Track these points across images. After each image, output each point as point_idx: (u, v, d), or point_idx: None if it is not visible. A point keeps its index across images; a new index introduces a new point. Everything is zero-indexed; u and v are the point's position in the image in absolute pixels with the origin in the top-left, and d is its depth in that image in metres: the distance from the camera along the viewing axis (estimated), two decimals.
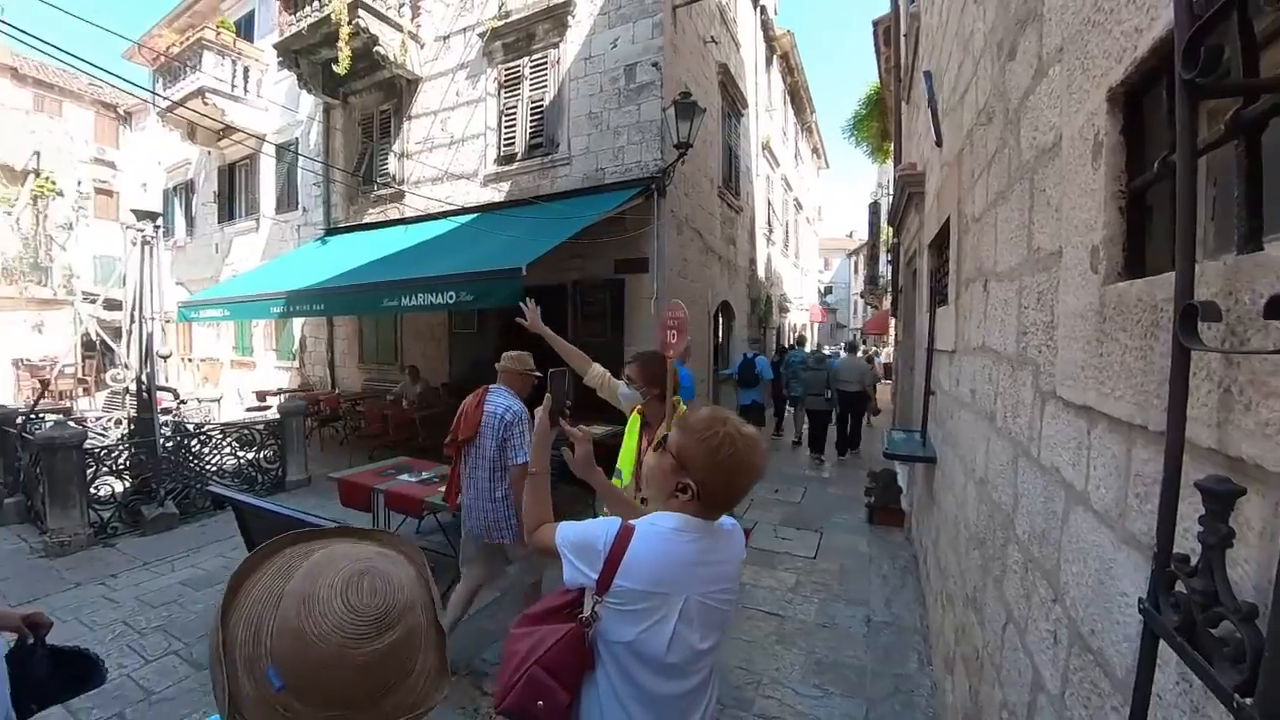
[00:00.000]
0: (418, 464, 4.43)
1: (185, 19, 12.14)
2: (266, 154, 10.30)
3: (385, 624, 0.60)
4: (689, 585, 1.14)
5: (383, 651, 0.60)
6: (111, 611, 3.64)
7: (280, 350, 11.25)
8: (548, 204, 6.64)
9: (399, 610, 0.62)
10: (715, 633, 1.21)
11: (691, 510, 1.18)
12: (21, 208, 14.87)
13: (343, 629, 0.59)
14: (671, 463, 1.20)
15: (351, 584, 0.61)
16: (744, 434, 1.18)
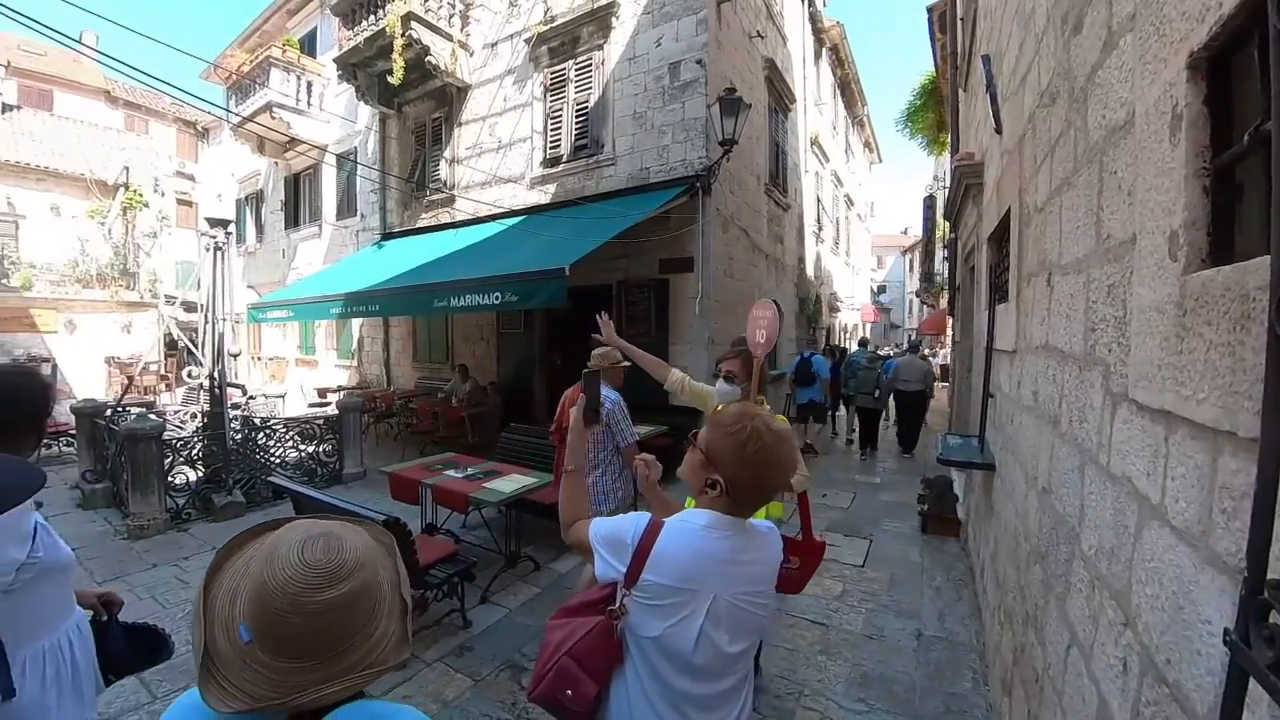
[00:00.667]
0: (465, 460, 4.53)
1: (255, 39, 12.93)
2: (328, 164, 10.84)
3: (336, 577, 0.69)
4: (718, 583, 1.13)
5: (334, 601, 0.68)
6: (182, 591, 3.89)
7: (340, 349, 11.81)
8: (593, 205, 6.69)
9: (351, 566, 0.71)
10: (746, 637, 1.18)
11: (721, 507, 1.17)
12: (113, 219, 16.17)
13: (297, 579, 0.68)
14: (701, 458, 1.20)
15: (308, 544, 0.71)
16: (773, 429, 1.17)
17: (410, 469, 4.34)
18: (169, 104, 20.18)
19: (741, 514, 1.19)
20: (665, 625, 1.11)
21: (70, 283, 15.09)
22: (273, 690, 0.67)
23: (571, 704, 1.16)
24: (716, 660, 1.14)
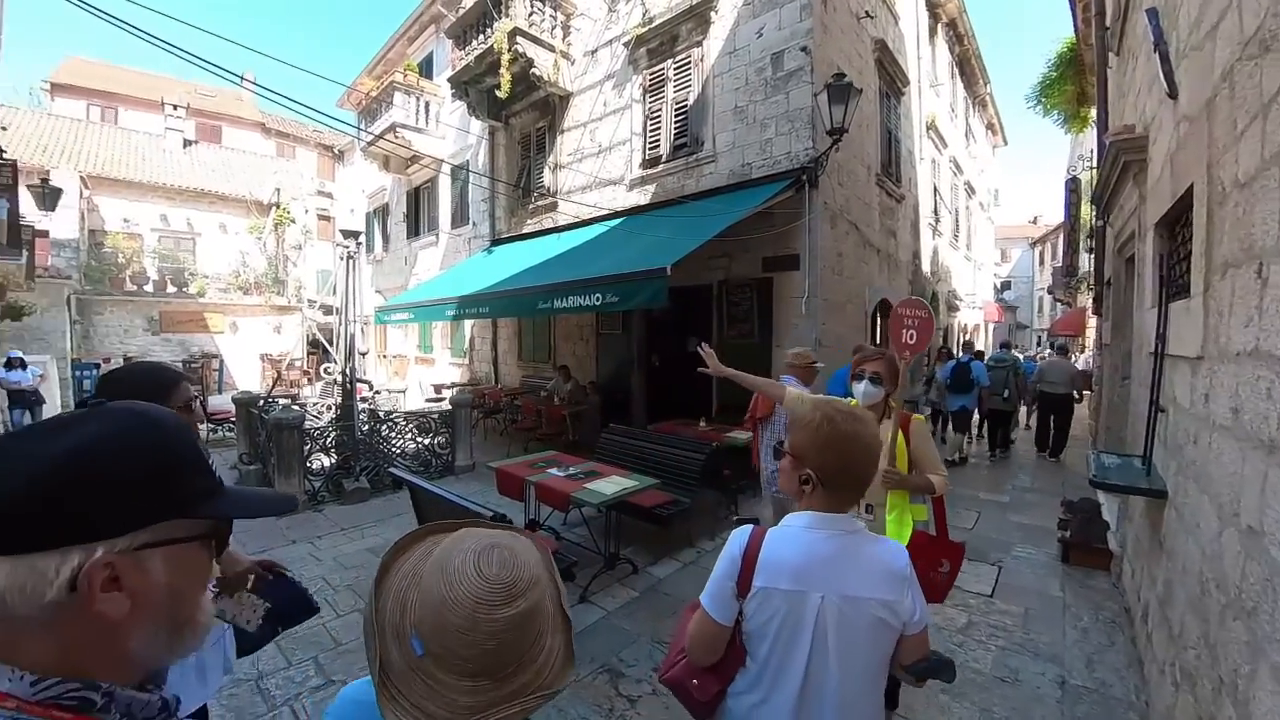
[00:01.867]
0: (566, 459, 4.64)
1: (380, 67, 14.20)
2: (444, 173, 11.66)
3: (513, 592, 0.67)
4: (825, 582, 1.12)
5: (512, 619, 0.65)
6: (315, 568, 4.32)
7: (453, 348, 12.67)
8: (693, 203, 6.62)
9: (526, 582, 0.68)
10: (861, 652, 1.13)
11: (818, 502, 1.18)
12: (267, 234, 18.55)
13: (475, 594, 0.65)
14: (790, 460, 1.23)
15: (483, 555, 0.68)
16: (843, 410, 1.20)
17: (515, 465, 4.51)
18: (311, 131, 22.83)
19: (840, 506, 1.18)
20: (776, 631, 1.13)
21: (233, 290, 17.54)
22: (446, 710, 0.65)
23: (697, 694, 1.23)
24: (826, 670, 1.12)
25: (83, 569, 0.49)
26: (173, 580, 0.55)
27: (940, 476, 2.19)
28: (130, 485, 0.52)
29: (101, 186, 16.10)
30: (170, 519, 0.55)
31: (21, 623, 0.49)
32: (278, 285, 18.24)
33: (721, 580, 1.19)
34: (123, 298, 15.61)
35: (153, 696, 0.56)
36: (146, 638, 0.55)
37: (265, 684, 2.94)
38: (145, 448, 0.55)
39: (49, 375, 10.89)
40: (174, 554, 0.55)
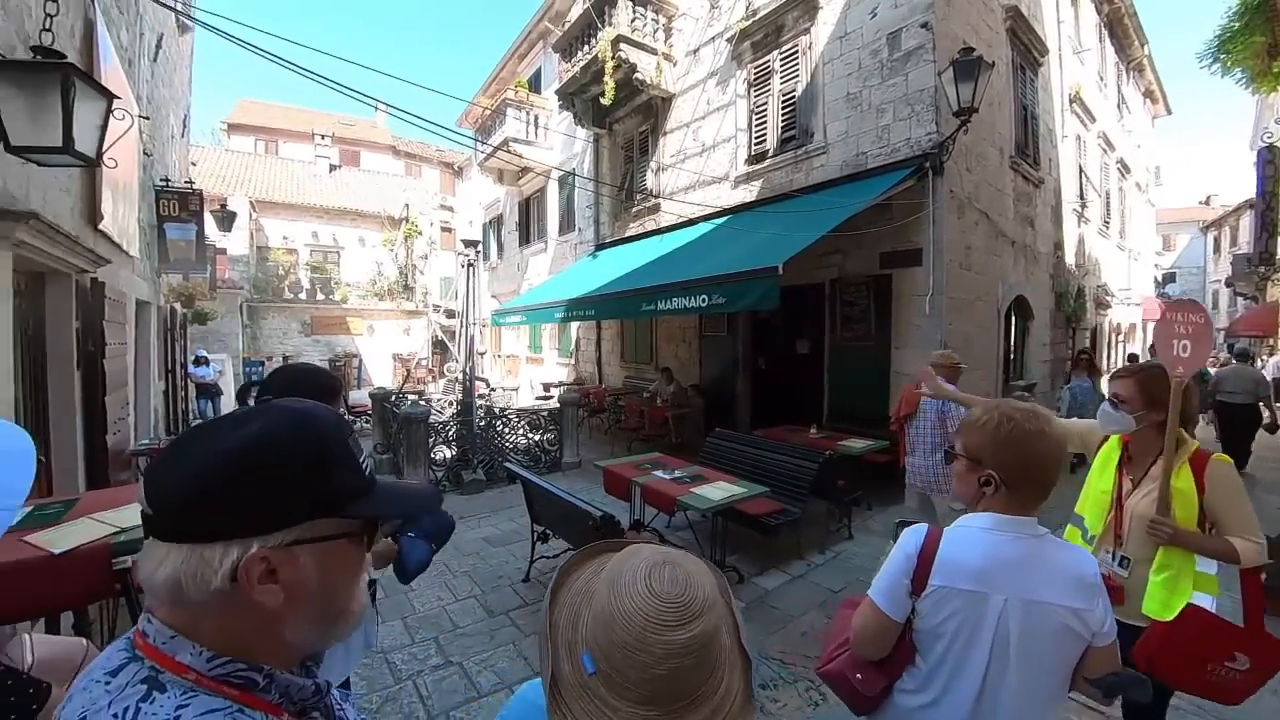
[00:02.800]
0: (671, 461, 4.57)
1: (494, 86, 15.02)
2: (552, 179, 12.11)
3: (686, 614, 0.61)
4: (1008, 586, 1.07)
5: (686, 645, 0.60)
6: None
7: (561, 348, 13.12)
8: (802, 198, 6.30)
9: (700, 604, 0.62)
10: (1044, 660, 1.08)
11: (1000, 504, 1.14)
12: (398, 246, 20.36)
13: (645, 611, 0.60)
14: (965, 463, 1.20)
15: (654, 570, 0.64)
16: (1022, 408, 1.15)
17: (622, 466, 4.50)
18: (434, 151, 24.81)
19: (1025, 508, 1.14)
20: (953, 632, 1.10)
21: (370, 296, 19.46)
22: None
23: (861, 688, 1.21)
24: (1004, 679, 1.08)
25: (241, 562, 0.52)
26: (324, 575, 0.57)
27: (1252, 542, 1.60)
28: (283, 485, 0.55)
29: (266, 209, 18.52)
30: (320, 518, 0.57)
31: (198, 605, 0.53)
32: (407, 291, 20.01)
33: (895, 576, 1.16)
34: (282, 304, 17.89)
35: (306, 681, 0.60)
36: (300, 627, 0.57)
37: (392, 658, 3.12)
38: (299, 448, 0.56)
39: (226, 371, 12.68)
40: (325, 550, 0.57)
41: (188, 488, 0.53)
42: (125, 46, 5.22)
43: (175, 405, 8.91)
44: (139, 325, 6.16)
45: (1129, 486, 1.78)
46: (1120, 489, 1.79)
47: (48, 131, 1.83)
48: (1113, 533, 1.76)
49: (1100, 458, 1.90)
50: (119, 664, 0.53)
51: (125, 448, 5.05)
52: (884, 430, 5.65)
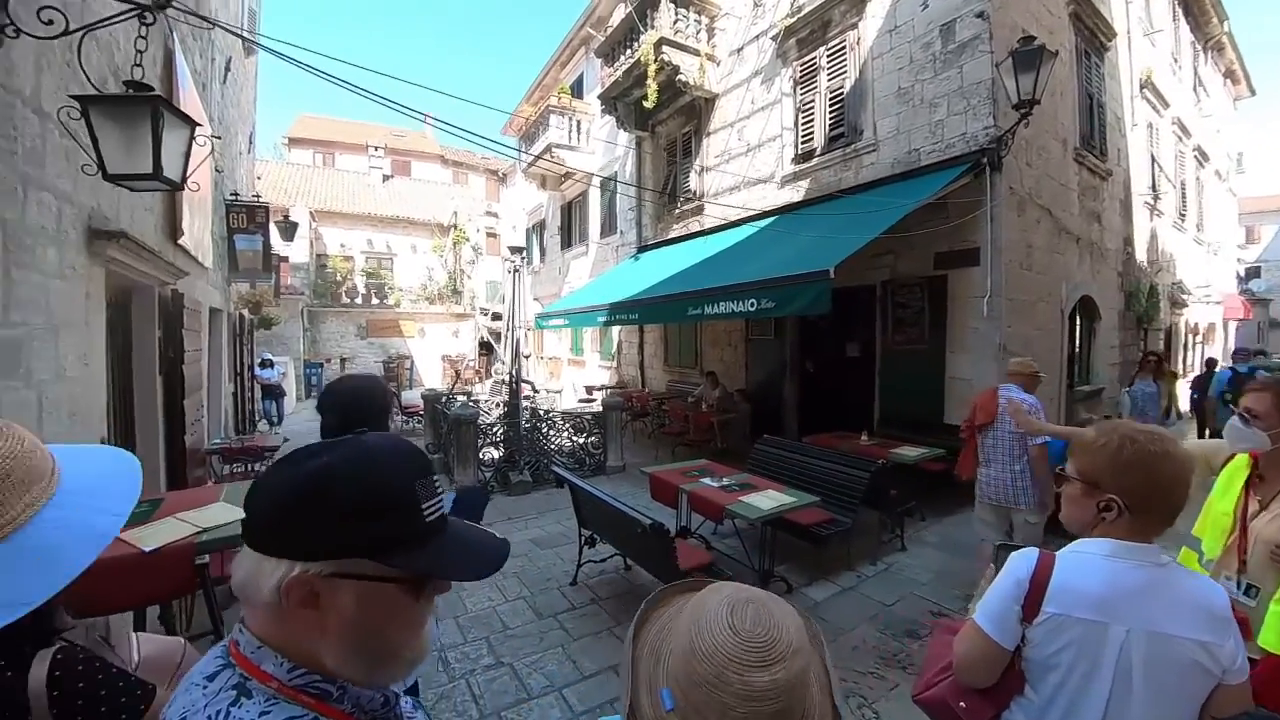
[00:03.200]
0: (718, 469, 4.51)
1: (537, 93, 15.25)
2: (594, 186, 12.19)
3: (768, 655, 0.59)
4: (1132, 616, 1.02)
5: (764, 686, 0.58)
6: None
7: (602, 351, 13.21)
8: (851, 197, 6.13)
9: (784, 647, 0.60)
10: (1170, 697, 1.01)
11: (1123, 530, 1.08)
12: (447, 252, 20.97)
13: (725, 649, 0.59)
14: (1080, 487, 1.14)
15: (737, 608, 0.62)
16: (1143, 429, 1.10)
17: (669, 472, 4.48)
18: (480, 158, 25.41)
19: (1147, 534, 1.08)
20: (1069, 663, 1.05)
21: (421, 300, 20.12)
22: None
23: (965, 716, 1.17)
24: (1132, 713, 1.02)
25: (284, 580, 0.56)
26: (363, 613, 0.59)
27: None
28: (328, 520, 0.57)
29: (324, 219, 19.38)
30: (359, 558, 0.58)
31: (264, 614, 0.58)
32: (455, 296, 20.60)
33: (1005, 601, 1.11)
34: (340, 309, 18.72)
35: (376, 694, 0.63)
36: (341, 656, 0.59)
37: (447, 656, 3.21)
38: (350, 488, 0.58)
39: (288, 373, 13.35)
40: (367, 589, 0.59)
41: (260, 504, 0.59)
42: (199, 71, 5.56)
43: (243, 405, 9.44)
44: (212, 331, 6.55)
45: (1255, 508, 1.63)
46: (1245, 510, 1.64)
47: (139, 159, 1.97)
48: (1236, 557, 1.61)
49: (1224, 477, 1.76)
50: (215, 669, 0.58)
51: (200, 447, 5.37)
52: (938, 437, 5.46)
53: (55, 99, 2.37)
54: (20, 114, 2.18)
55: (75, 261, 2.57)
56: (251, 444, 5.81)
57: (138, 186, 2.11)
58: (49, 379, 2.39)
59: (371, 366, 18.93)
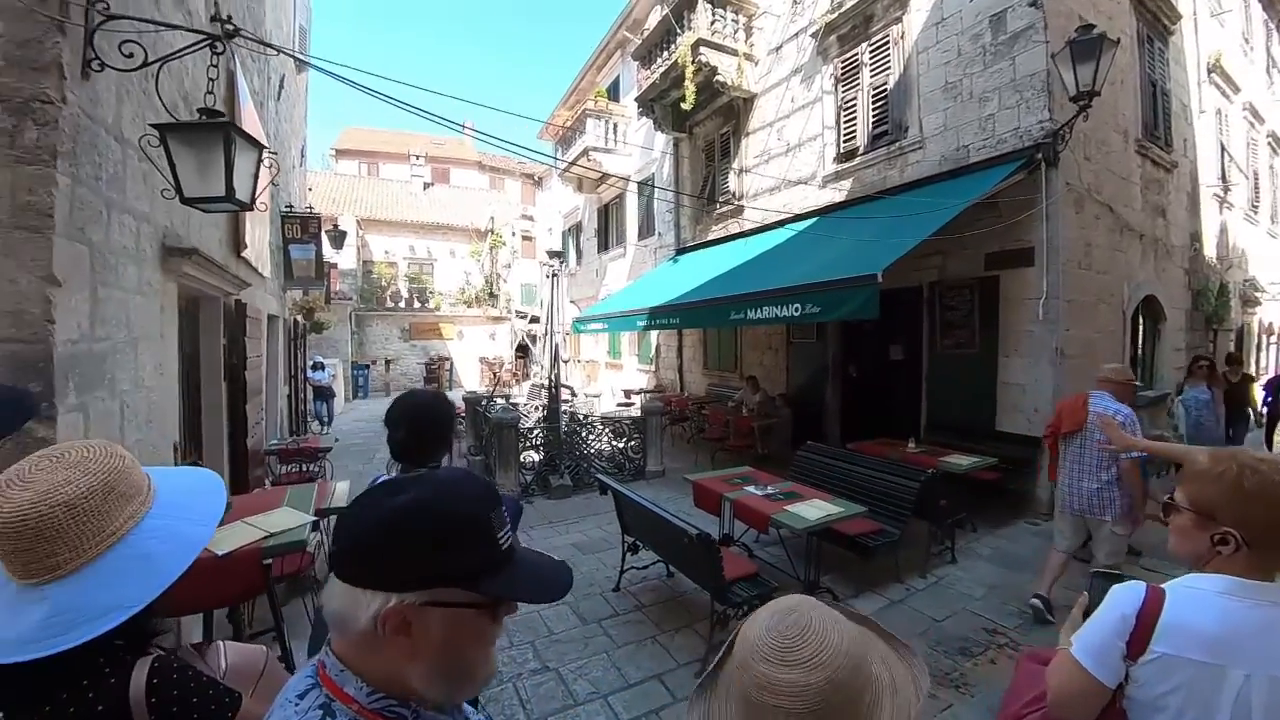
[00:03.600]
0: (761, 476, 4.44)
1: (573, 98, 15.38)
2: (630, 190, 12.23)
3: (791, 656, 0.64)
4: (1251, 660, 0.95)
5: (784, 684, 0.63)
6: None
7: (640, 355, 13.22)
8: (897, 197, 5.96)
9: (809, 653, 0.64)
10: None
11: (1240, 566, 1.02)
12: (485, 256, 21.39)
13: (756, 640, 0.67)
14: (1192, 518, 1.08)
15: (781, 612, 0.69)
16: (1265, 458, 1.05)
17: (712, 480, 4.44)
18: (516, 164, 25.83)
19: (1269, 570, 1.02)
20: (1179, 706, 0.99)
21: (460, 303, 20.58)
22: None
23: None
24: None
25: (380, 611, 0.59)
26: (450, 637, 0.63)
27: None
28: (419, 554, 0.61)
29: (369, 227, 20.02)
30: (448, 587, 0.62)
31: (357, 643, 0.62)
32: (492, 299, 20.99)
33: (1108, 637, 1.05)
34: (384, 313, 19.34)
35: (444, 717, 0.68)
36: (427, 679, 0.63)
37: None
38: (437, 524, 0.62)
39: (337, 375, 13.83)
40: (453, 615, 0.63)
41: (352, 541, 0.62)
42: (257, 90, 5.81)
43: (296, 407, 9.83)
44: (269, 337, 6.84)
45: None
46: None
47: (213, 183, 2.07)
48: None
49: None
50: (305, 688, 0.63)
51: (260, 448, 5.61)
52: (989, 445, 5.27)
53: (133, 126, 2.51)
54: (104, 142, 2.31)
55: (152, 278, 2.72)
56: (306, 445, 6.03)
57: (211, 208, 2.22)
58: (129, 389, 2.53)
59: (414, 368, 19.46)
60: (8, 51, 1.97)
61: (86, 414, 2.16)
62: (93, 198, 2.21)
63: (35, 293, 1.95)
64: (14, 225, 1.95)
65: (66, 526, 0.80)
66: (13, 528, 0.77)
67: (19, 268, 1.94)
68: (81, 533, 0.81)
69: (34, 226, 1.96)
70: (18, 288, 1.94)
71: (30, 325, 1.95)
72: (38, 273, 1.95)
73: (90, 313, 2.17)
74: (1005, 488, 5.14)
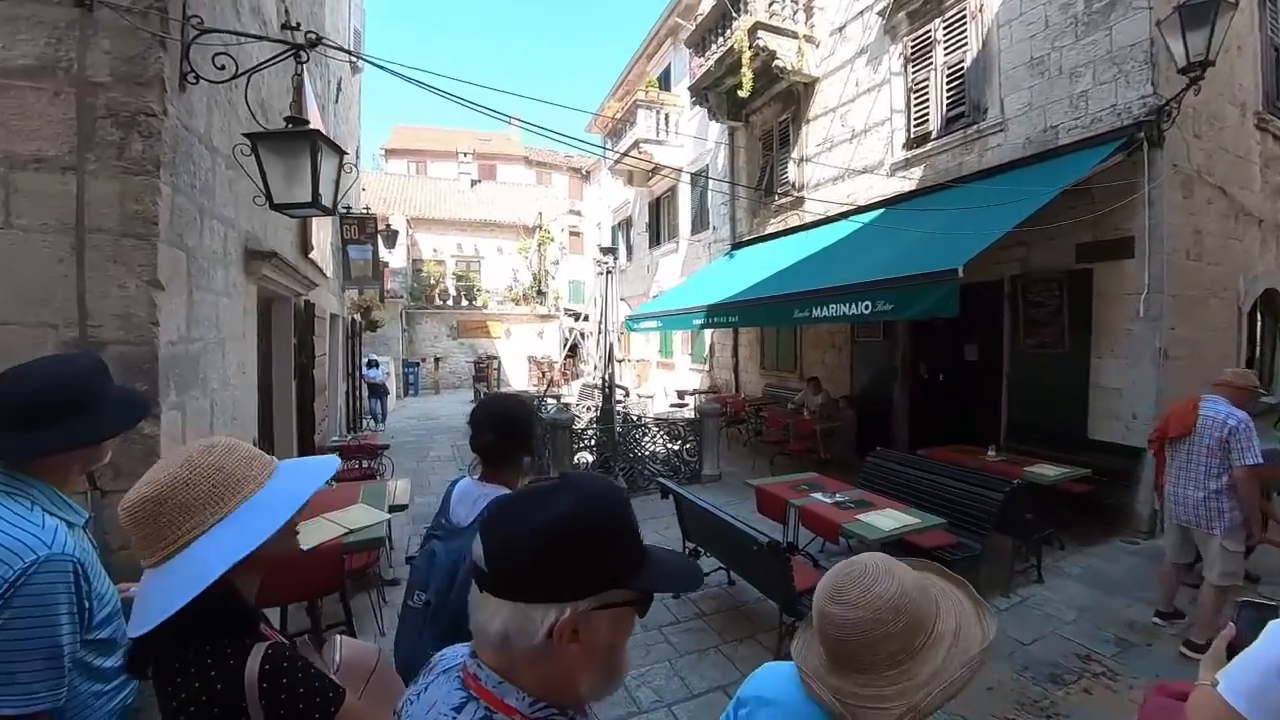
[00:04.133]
0: (829, 483, 4.37)
1: (623, 89, 15.47)
2: (683, 181, 12.21)
3: (838, 596, 0.89)
4: None
5: (829, 614, 0.89)
6: None
7: (694, 354, 13.20)
8: (975, 184, 5.72)
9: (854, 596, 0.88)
10: None
11: None
12: (532, 253, 21.81)
13: (823, 586, 0.93)
14: None
15: (845, 564, 0.94)
16: None
17: (776, 486, 4.40)
18: (563, 157, 26.20)
19: None
20: None
21: (507, 301, 21.07)
22: (828, 693, 0.89)
23: None
24: None
25: (557, 623, 0.62)
26: (612, 637, 0.68)
27: None
28: (591, 559, 0.65)
29: (418, 225, 20.78)
30: (614, 589, 0.67)
31: (517, 655, 0.65)
32: (540, 296, 21.40)
33: (1268, 678, 0.96)
34: (433, 310, 20.06)
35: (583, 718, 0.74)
36: (590, 681, 0.68)
37: None
38: (601, 528, 0.67)
39: (390, 372, 14.45)
40: (614, 616, 0.67)
41: (519, 556, 0.64)
42: (320, 94, 6.14)
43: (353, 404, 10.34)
44: (330, 335, 7.23)
45: None
46: None
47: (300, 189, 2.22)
48: None
49: None
50: (460, 702, 0.67)
51: (325, 444, 5.95)
52: (1080, 454, 5.00)
53: (221, 136, 2.72)
54: (198, 151, 2.51)
55: (237, 280, 2.93)
56: (366, 442, 6.34)
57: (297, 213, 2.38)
58: (217, 387, 2.74)
59: (463, 366, 20.07)
60: (115, 68, 2.17)
61: (184, 412, 2.36)
62: (189, 205, 2.40)
63: (142, 297, 2.15)
64: (122, 233, 2.15)
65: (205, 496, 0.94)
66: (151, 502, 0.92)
67: (128, 273, 2.14)
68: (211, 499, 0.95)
69: (140, 234, 2.16)
70: (126, 292, 2.14)
71: (137, 328, 2.15)
72: (144, 277, 2.15)
73: (187, 315, 2.37)
74: (1099, 502, 4.86)
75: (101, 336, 2.10)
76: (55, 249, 2.08)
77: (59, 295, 2.07)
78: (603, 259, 7.38)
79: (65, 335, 2.08)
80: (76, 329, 2.08)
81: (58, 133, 2.09)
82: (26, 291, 2.05)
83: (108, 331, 2.10)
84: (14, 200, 2.05)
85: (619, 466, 6.92)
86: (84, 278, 2.09)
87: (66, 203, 2.08)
